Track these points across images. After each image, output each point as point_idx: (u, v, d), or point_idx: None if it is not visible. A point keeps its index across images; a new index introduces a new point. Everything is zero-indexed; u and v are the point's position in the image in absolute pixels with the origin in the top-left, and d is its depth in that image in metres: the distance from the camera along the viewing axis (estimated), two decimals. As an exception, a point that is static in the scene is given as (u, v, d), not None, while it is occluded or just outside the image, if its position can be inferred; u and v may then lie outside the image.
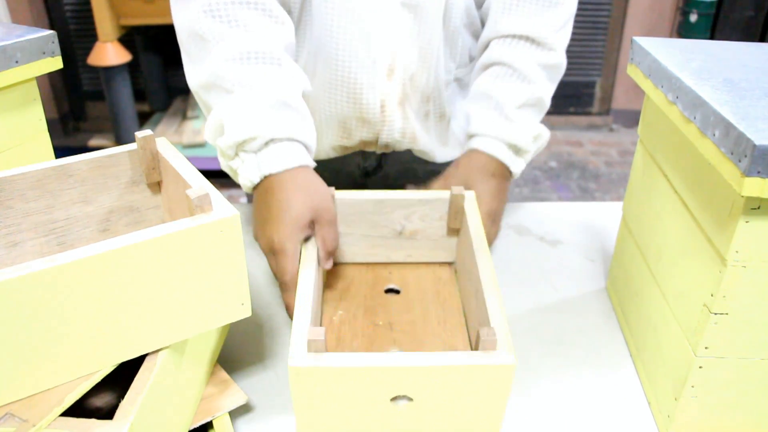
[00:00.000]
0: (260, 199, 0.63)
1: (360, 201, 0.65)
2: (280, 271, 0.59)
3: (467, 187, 0.70)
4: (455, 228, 0.67)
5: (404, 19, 0.72)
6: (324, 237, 0.61)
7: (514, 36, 0.73)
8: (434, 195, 0.66)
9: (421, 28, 0.74)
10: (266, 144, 0.62)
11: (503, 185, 0.73)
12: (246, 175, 0.63)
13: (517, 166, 0.74)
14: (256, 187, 0.64)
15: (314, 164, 0.65)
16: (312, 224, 0.61)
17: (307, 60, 0.76)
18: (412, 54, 0.75)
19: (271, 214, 0.60)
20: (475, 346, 0.49)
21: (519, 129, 0.72)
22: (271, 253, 0.60)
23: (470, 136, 0.74)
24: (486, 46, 0.76)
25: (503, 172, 0.73)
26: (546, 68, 0.74)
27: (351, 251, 0.69)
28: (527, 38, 0.72)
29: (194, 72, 0.66)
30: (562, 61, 0.76)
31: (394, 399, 0.48)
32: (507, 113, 0.71)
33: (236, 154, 0.64)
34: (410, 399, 0.48)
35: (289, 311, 0.60)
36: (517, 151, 0.73)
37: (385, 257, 0.69)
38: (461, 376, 0.46)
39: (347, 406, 0.48)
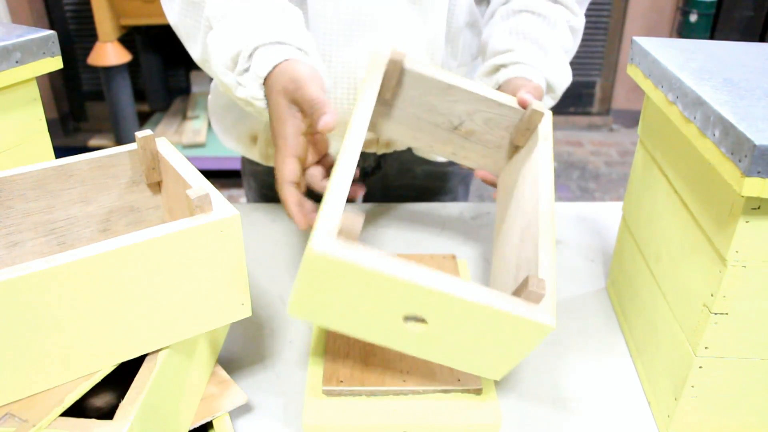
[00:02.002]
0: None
1: (428, 78, 0.59)
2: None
3: None
4: (517, 145, 0.62)
5: (409, 14, 0.72)
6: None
7: None
8: (509, 101, 0.60)
9: (426, 23, 0.73)
10: (251, 55, 0.58)
11: None
12: (252, 94, 0.58)
13: (544, 103, 0.72)
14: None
15: (307, 56, 0.59)
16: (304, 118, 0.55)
17: None
18: (416, 49, 0.74)
19: (272, 132, 0.56)
20: (518, 290, 0.44)
21: (558, 69, 0.70)
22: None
23: (509, 65, 0.69)
24: (507, 1, 0.75)
25: None
26: (570, 28, 0.74)
27: (395, 128, 0.63)
28: None
29: (195, 46, 0.65)
30: (581, 28, 0.76)
31: (407, 318, 0.44)
32: (549, 53, 0.70)
33: (238, 84, 0.60)
34: (424, 321, 0.44)
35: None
36: (550, 90, 0.71)
37: (428, 145, 0.63)
38: (493, 319, 0.42)
39: (355, 307, 0.43)
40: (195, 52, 0.67)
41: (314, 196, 0.54)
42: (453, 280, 0.42)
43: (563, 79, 0.70)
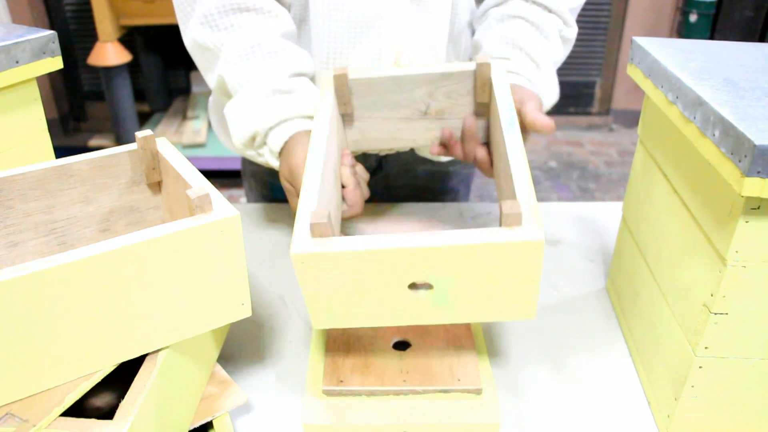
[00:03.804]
0: None
1: (376, 80, 0.61)
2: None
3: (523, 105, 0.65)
4: (484, 102, 0.63)
5: (412, 14, 0.72)
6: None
7: (534, 2, 0.73)
8: (457, 68, 0.61)
9: (430, 24, 0.73)
10: (266, 135, 0.66)
11: None
12: (270, 163, 0.67)
13: None
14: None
15: (310, 121, 0.66)
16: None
17: None
18: (419, 50, 0.74)
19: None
20: (500, 221, 0.45)
21: (549, 87, 0.72)
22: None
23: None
24: (502, 2, 0.75)
25: None
26: (562, 38, 0.75)
27: (373, 136, 0.65)
28: (546, 7, 0.73)
29: (208, 80, 0.72)
30: (574, 38, 0.76)
31: (412, 287, 0.44)
32: (543, 69, 0.71)
33: (257, 154, 0.68)
34: (430, 286, 0.44)
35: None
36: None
37: (410, 141, 0.65)
38: (485, 255, 0.43)
39: (360, 295, 0.45)
40: (209, 83, 0.72)
41: None
42: (434, 234, 0.43)
43: (552, 96, 0.72)
